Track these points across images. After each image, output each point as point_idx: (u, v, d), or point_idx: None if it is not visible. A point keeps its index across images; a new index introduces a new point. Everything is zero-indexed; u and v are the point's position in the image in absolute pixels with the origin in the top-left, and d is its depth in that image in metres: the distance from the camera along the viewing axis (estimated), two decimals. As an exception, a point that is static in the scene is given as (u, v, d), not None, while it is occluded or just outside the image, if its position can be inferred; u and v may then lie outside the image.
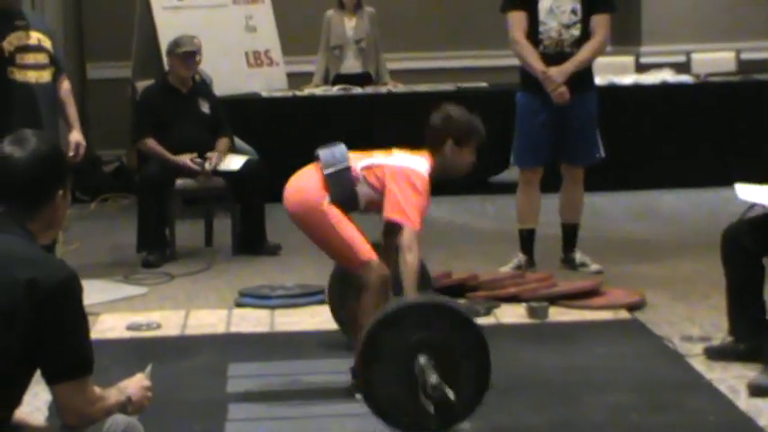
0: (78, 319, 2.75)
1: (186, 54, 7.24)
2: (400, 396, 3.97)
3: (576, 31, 6.45)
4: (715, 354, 4.94)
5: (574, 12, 6.44)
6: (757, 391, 4.50)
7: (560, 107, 6.43)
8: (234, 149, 7.46)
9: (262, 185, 7.11)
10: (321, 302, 5.67)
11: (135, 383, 2.96)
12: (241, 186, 7.20)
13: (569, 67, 6.42)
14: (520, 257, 6.64)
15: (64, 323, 2.69)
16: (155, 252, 6.95)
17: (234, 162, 7.21)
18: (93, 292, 6.13)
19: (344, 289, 5.08)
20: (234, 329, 5.56)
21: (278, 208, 4.69)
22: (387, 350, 3.97)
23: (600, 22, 6.47)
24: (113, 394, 2.86)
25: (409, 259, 4.39)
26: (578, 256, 6.65)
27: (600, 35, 6.48)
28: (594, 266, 6.58)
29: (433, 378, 3.88)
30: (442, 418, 3.99)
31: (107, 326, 5.62)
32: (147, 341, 5.40)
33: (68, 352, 2.71)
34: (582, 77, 6.49)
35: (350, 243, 4.45)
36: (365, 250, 4.46)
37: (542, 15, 6.46)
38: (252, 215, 7.21)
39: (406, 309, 4.09)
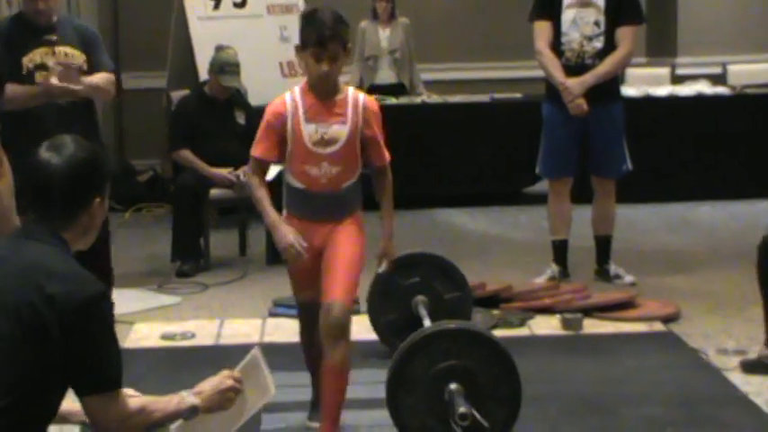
0: (104, 336, 2.71)
1: (232, 68, 7.29)
2: (430, 425, 3.95)
3: (598, 44, 6.41)
4: (751, 367, 4.90)
5: (597, 24, 6.40)
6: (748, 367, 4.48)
7: (583, 119, 6.39)
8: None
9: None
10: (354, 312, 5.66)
11: (211, 385, 2.95)
12: (275, 196, 7.20)
13: (588, 79, 6.37)
14: (553, 268, 6.63)
15: (88, 340, 2.66)
16: (189, 261, 6.98)
17: (269, 172, 7.22)
18: (128, 300, 6.20)
19: (384, 300, 5.08)
20: (268, 339, 5.57)
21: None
22: (416, 378, 3.95)
23: (625, 35, 6.40)
24: (163, 406, 2.83)
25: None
26: (612, 268, 6.62)
27: (624, 47, 6.40)
28: (629, 278, 6.55)
29: (462, 407, 3.85)
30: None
31: (141, 334, 5.65)
32: (181, 350, 5.42)
33: (93, 368, 2.69)
34: (605, 89, 6.43)
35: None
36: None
37: (565, 27, 6.43)
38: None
39: (433, 336, 4.06)
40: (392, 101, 8.98)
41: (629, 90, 8.69)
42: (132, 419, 2.74)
